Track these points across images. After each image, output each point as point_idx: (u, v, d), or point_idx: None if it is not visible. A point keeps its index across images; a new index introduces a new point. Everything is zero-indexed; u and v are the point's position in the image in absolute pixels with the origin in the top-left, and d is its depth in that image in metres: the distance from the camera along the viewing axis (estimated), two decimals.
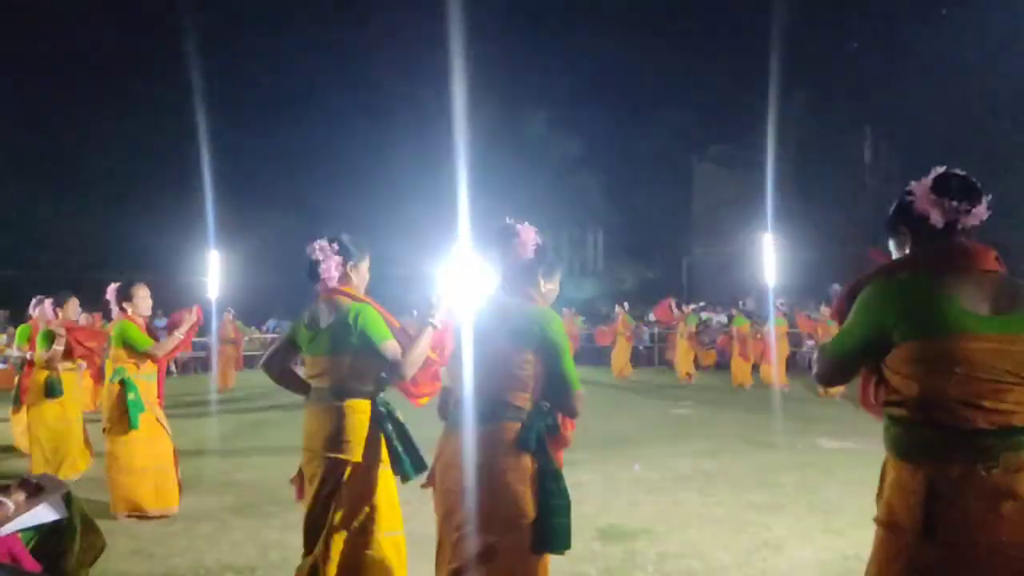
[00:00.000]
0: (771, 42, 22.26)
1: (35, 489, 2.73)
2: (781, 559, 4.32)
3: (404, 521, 5.17)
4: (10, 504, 2.61)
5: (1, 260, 22.51)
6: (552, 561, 2.61)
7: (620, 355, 17.37)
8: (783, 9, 22.32)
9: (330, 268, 3.30)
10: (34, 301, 7.39)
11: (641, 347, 22.21)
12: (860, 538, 4.63)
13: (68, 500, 2.74)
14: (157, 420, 5.36)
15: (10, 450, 8.02)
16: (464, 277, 3.11)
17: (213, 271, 11.67)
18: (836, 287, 23.81)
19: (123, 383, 5.24)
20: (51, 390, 6.55)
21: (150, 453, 5.27)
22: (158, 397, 5.45)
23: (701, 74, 29.80)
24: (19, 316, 12.02)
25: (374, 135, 29.23)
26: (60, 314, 6.88)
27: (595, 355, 19.52)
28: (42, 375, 6.61)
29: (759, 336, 15.39)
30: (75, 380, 7.04)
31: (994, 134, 23.20)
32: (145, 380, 5.37)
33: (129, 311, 5.42)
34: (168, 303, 22.82)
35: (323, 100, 30.81)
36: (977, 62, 22.65)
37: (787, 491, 5.91)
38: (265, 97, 31.61)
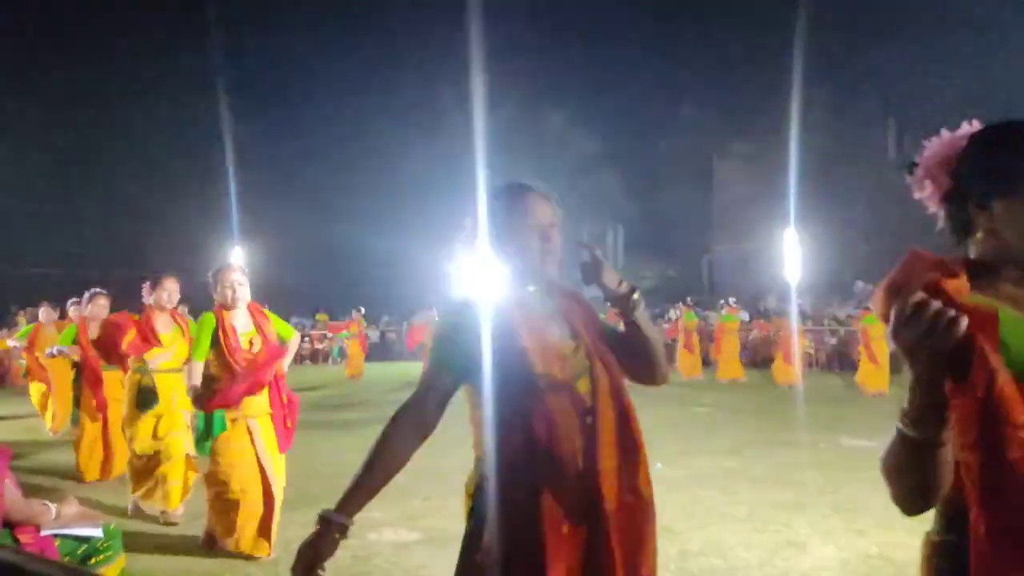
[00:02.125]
0: (792, 37, 22.07)
1: (80, 510, 3.07)
2: (804, 558, 4.29)
3: (423, 517, 5.22)
4: (52, 510, 2.88)
5: (33, 259, 22.89)
6: None
7: None
8: (804, 3, 22.11)
9: None
10: (87, 295, 6.75)
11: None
12: (883, 537, 4.60)
13: (108, 529, 3.04)
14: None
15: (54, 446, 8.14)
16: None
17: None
18: (860, 283, 23.65)
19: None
20: (145, 400, 5.34)
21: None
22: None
23: (722, 70, 29.63)
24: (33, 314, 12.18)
25: (394, 133, 29.37)
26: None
27: None
28: (132, 379, 5.47)
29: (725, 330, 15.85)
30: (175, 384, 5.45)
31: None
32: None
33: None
34: (193, 300, 23.17)
35: (343, 98, 30.96)
36: (1002, 53, 22.33)
37: (810, 490, 5.86)
38: (287, 96, 31.88)
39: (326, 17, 32.65)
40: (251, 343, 4.48)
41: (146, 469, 5.23)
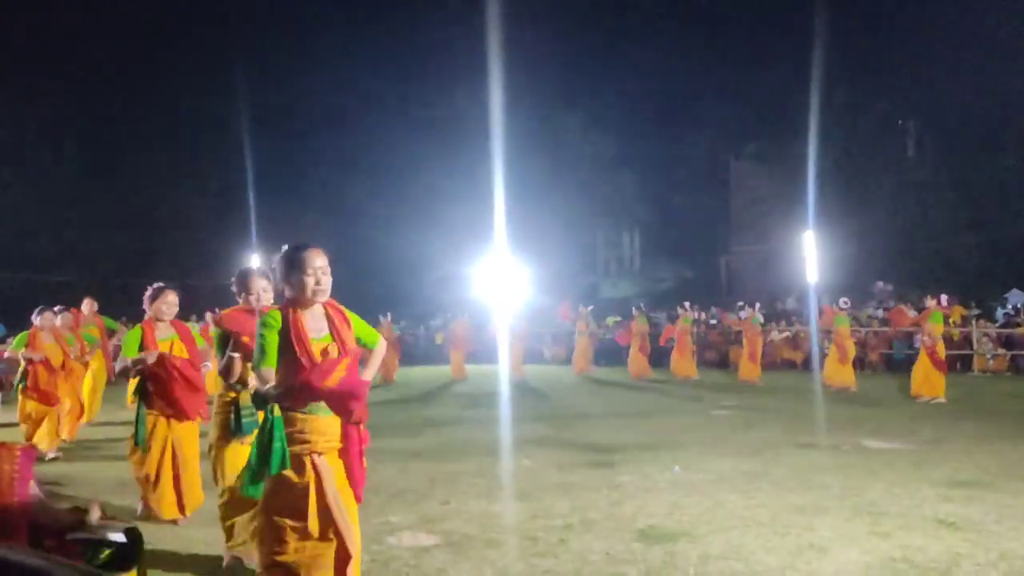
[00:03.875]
0: (810, 37, 21.96)
1: (103, 514, 3.05)
2: (826, 562, 4.24)
3: (441, 521, 5.22)
4: (77, 516, 2.86)
5: (53, 265, 23.15)
6: (592, 562, 2.55)
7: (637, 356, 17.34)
8: (822, 4, 21.98)
9: None
10: (150, 291, 5.59)
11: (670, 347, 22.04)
12: (907, 540, 4.54)
13: (132, 532, 3.06)
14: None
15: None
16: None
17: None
18: (880, 284, 23.43)
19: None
20: (239, 425, 4.22)
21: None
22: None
23: (738, 71, 29.50)
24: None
25: (412, 138, 29.49)
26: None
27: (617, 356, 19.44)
28: (225, 398, 4.33)
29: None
30: None
31: None
32: None
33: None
34: (212, 307, 23.34)
35: (361, 105, 31.14)
36: (1020, 51, 22.08)
37: (832, 492, 5.80)
38: (304, 103, 32.06)
39: (345, 23, 32.87)
40: (325, 352, 3.19)
41: (239, 507, 4.15)
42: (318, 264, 3.16)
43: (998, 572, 4.02)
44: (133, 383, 5.89)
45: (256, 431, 3.29)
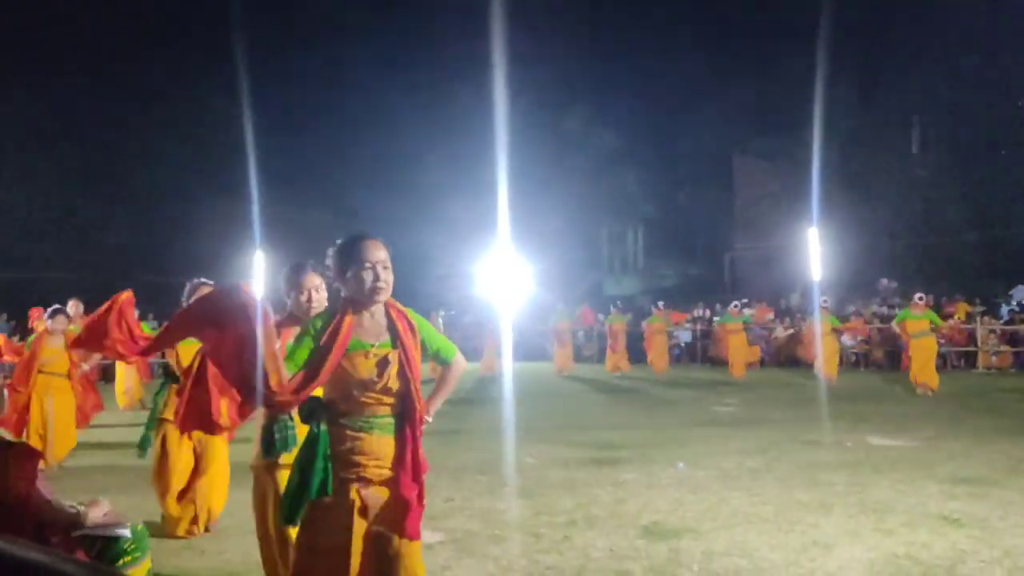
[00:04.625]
0: (814, 32, 21.86)
1: (108, 511, 3.11)
2: (830, 559, 4.24)
3: (445, 518, 5.23)
4: (81, 512, 2.95)
5: (50, 263, 23.20)
6: (596, 559, 2.53)
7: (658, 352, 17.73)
8: (826, 0, 21.89)
9: None
10: (189, 286, 4.90)
11: (683, 344, 22.06)
12: (911, 537, 4.54)
13: (135, 529, 3.11)
14: None
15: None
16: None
17: (258, 272, 11.85)
18: (884, 281, 23.38)
19: None
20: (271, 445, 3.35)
21: None
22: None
23: (742, 66, 29.45)
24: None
25: (414, 134, 29.49)
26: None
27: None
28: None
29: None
30: None
31: None
32: None
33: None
34: None
35: (363, 100, 31.16)
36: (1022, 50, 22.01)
37: (836, 489, 5.80)
38: (307, 100, 32.09)
39: (347, 21, 32.87)
40: (384, 362, 2.72)
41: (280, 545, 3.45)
42: (378, 257, 2.70)
43: (1003, 569, 4.02)
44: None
45: (296, 448, 2.83)
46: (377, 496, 2.61)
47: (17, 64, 24.11)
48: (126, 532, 3.03)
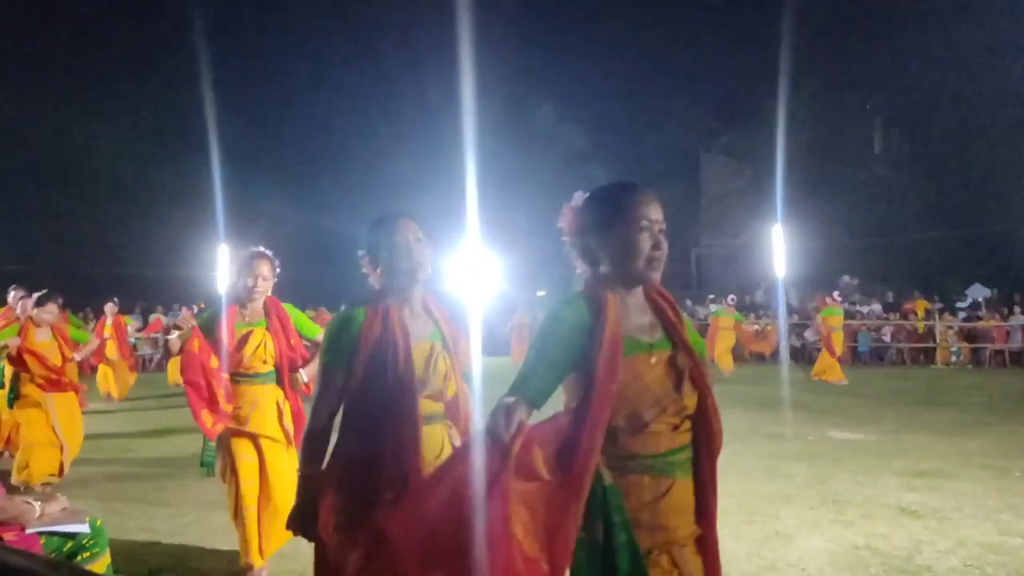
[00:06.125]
0: (780, 31, 22.14)
1: (66, 507, 3.07)
2: (791, 549, 4.31)
3: None
4: (36, 508, 2.88)
5: (10, 255, 22.63)
6: None
7: None
8: None
9: None
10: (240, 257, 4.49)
11: None
12: (870, 528, 4.63)
13: (94, 524, 3.03)
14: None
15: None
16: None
17: (223, 266, 11.66)
18: (846, 278, 23.78)
19: None
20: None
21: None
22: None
23: (709, 64, 29.75)
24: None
25: (382, 128, 29.26)
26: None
27: None
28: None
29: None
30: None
31: (1005, 123, 23.04)
32: None
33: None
34: (180, 298, 23.02)
35: (330, 94, 30.86)
36: (986, 48, 22.48)
37: (797, 482, 5.89)
38: (272, 91, 31.72)
39: (313, 11, 32.49)
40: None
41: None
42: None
43: (957, 558, 4.12)
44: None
45: None
46: (692, 566, 1.88)
47: None
48: (84, 528, 2.98)
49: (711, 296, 20.09)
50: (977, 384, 13.24)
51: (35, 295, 6.35)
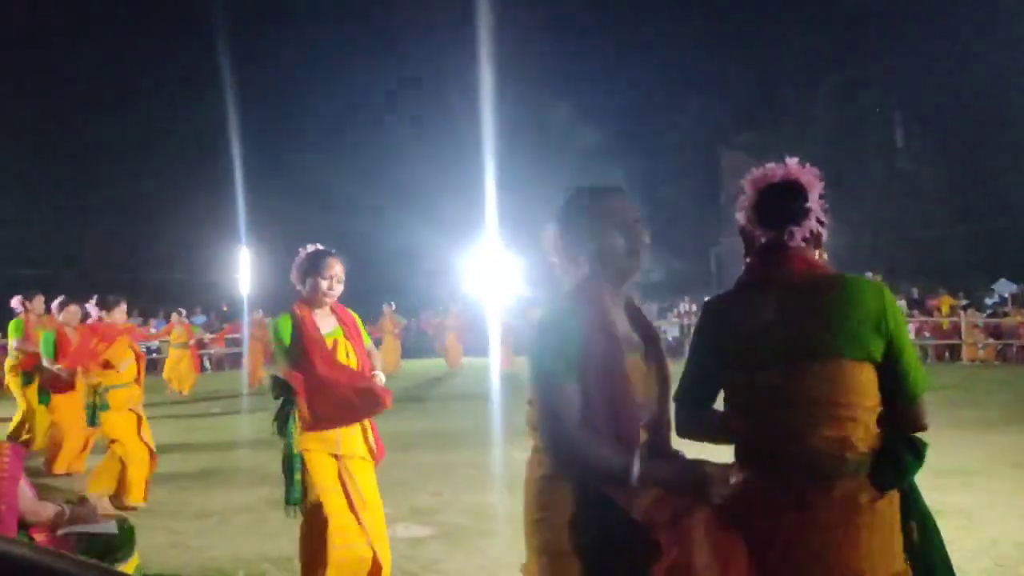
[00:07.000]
0: (800, 27, 21.97)
1: (95, 509, 3.13)
2: None
3: (435, 512, 5.22)
4: (67, 510, 2.94)
5: (36, 260, 22.94)
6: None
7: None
8: None
9: None
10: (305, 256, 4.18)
11: (671, 338, 22.11)
12: None
13: (123, 526, 3.13)
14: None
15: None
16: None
17: (244, 268, 11.76)
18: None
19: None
20: None
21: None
22: None
23: (728, 60, 29.47)
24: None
25: (400, 129, 29.37)
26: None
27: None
28: None
29: None
30: None
31: None
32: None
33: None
34: (202, 301, 23.23)
35: (351, 96, 30.97)
36: (1008, 41, 22.19)
37: None
38: (293, 94, 31.86)
39: (332, 14, 32.66)
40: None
41: None
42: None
43: (989, 558, 4.05)
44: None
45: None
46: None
47: None
48: (112, 529, 3.01)
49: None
50: (1004, 380, 13.05)
51: (95, 297, 6.32)
